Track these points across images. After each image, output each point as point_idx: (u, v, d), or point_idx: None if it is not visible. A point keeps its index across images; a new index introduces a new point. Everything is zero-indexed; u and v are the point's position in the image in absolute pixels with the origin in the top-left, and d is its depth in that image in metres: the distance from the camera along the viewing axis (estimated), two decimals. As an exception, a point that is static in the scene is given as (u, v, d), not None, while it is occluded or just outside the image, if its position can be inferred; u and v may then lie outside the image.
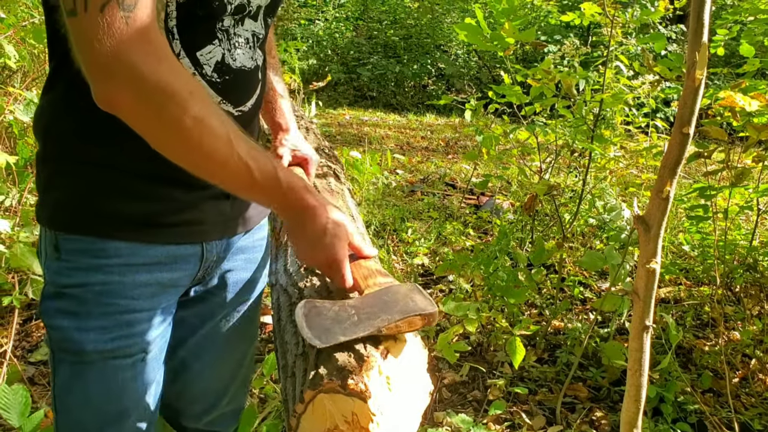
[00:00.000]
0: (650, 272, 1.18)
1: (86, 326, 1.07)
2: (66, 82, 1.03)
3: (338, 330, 0.95)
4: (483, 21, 2.73)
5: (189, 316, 1.28)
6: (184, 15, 1.00)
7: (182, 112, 0.88)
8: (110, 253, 1.06)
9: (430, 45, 12.63)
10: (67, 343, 1.09)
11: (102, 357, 1.10)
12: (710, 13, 1.05)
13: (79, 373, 1.11)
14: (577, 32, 10.19)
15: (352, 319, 0.97)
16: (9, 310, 2.73)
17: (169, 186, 1.08)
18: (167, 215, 1.10)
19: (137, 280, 1.09)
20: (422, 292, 1.03)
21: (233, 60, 1.10)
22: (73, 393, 1.12)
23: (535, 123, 3.35)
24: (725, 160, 2.35)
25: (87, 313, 1.06)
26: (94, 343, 1.08)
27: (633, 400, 1.26)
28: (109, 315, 1.08)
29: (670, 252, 3.86)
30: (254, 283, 1.35)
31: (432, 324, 0.98)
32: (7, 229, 2.13)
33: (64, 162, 1.05)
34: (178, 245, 1.13)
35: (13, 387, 1.82)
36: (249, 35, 1.13)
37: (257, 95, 1.20)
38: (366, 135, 8.00)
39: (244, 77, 1.14)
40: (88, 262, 1.06)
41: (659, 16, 2.94)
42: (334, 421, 0.89)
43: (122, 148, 1.02)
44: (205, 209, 1.15)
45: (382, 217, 4.46)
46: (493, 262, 2.72)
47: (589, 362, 2.80)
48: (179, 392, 1.35)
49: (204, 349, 1.33)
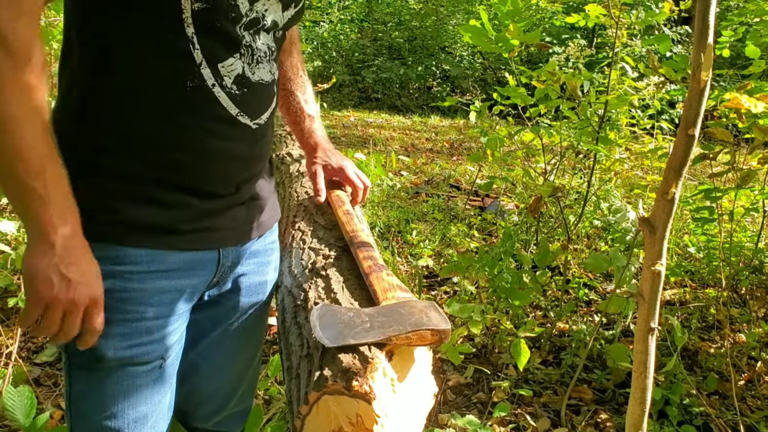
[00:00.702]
0: (655, 274, 1.17)
1: (106, 333, 1.07)
2: (80, 92, 1.05)
3: (348, 333, 0.96)
4: (488, 23, 2.72)
5: (201, 319, 1.29)
6: (203, 24, 1.02)
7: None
8: (129, 260, 1.07)
9: (435, 47, 12.64)
10: (84, 350, 1.08)
11: (120, 364, 1.10)
12: (715, 15, 1.04)
13: (97, 379, 1.11)
14: (583, 33, 10.18)
15: (365, 325, 0.98)
16: (14, 311, 2.74)
17: (185, 194, 1.09)
18: (185, 223, 1.11)
19: (157, 287, 1.10)
20: (438, 309, 1.03)
21: (252, 74, 1.11)
22: (90, 399, 1.12)
23: (540, 124, 3.34)
24: (731, 161, 2.35)
25: (106, 321, 1.06)
26: (114, 350, 1.09)
27: (638, 403, 1.26)
28: (128, 322, 1.09)
29: (675, 254, 3.85)
30: (266, 286, 1.37)
31: (444, 342, 0.98)
32: (13, 231, 2.14)
33: (82, 170, 1.05)
34: (195, 252, 1.14)
35: (19, 389, 1.82)
36: (266, 49, 1.14)
37: (272, 108, 1.22)
38: (370, 137, 8.00)
39: (261, 90, 1.15)
40: (107, 270, 1.05)
41: (664, 17, 2.93)
42: (338, 422, 0.89)
43: (139, 156, 1.04)
44: (221, 216, 1.16)
45: (387, 219, 4.46)
46: (497, 264, 2.72)
47: (594, 364, 2.80)
48: (188, 393, 1.35)
49: (214, 351, 1.34)
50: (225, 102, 1.08)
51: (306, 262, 1.32)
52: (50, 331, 1.00)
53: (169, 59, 1.02)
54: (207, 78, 1.05)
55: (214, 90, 1.06)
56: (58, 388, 2.51)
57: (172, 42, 1.01)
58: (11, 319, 2.81)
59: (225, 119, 1.09)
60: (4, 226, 2.13)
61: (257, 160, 1.21)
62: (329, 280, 1.19)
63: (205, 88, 1.05)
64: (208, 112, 1.07)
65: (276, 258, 1.39)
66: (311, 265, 1.29)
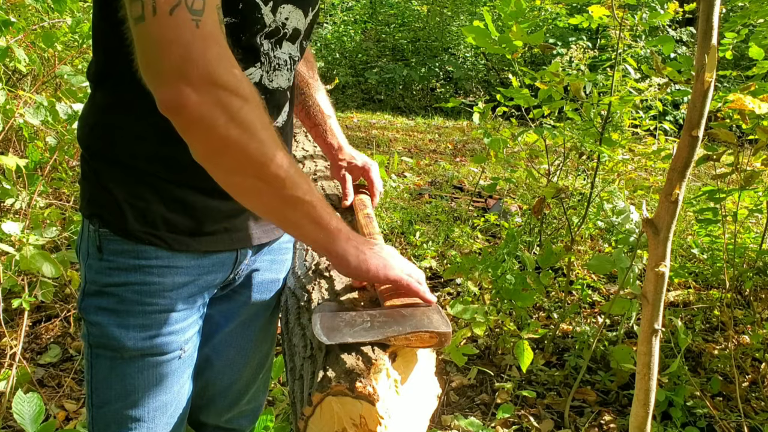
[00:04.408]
0: (659, 275, 1.17)
1: (126, 324, 1.11)
2: (115, 91, 1.07)
3: (347, 332, 0.96)
4: (491, 24, 2.73)
5: (215, 313, 1.31)
6: (228, 37, 1.01)
7: (255, 117, 0.89)
8: (150, 255, 1.10)
9: (438, 48, 12.63)
10: (106, 339, 1.12)
11: (141, 354, 1.13)
12: (719, 16, 1.04)
13: (119, 368, 1.14)
14: (587, 35, 10.17)
15: (365, 325, 0.98)
16: (18, 312, 2.74)
17: (207, 196, 1.10)
18: (206, 224, 1.13)
19: (176, 282, 1.13)
20: (440, 312, 1.03)
21: (270, 81, 1.13)
22: (112, 387, 1.15)
23: (544, 126, 3.34)
24: (734, 163, 2.34)
25: (127, 312, 1.10)
26: (134, 340, 1.12)
27: (642, 404, 1.25)
28: (148, 314, 1.12)
29: (679, 255, 3.84)
30: (277, 284, 1.38)
31: (444, 345, 0.98)
32: (17, 232, 2.14)
33: (110, 166, 1.09)
34: (216, 253, 1.17)
35: (28, 395, 1.83)
36: (287, 57, 1.16)
37: (288, 111, 1.24)
38: (374, 138, 8.00)
39: (278, 96, 1.17)
40: (129, 263, 1.09)
41: (668, 18, 2.93)
42: (342, 423, 0.89)
43: (163, 159, 1.06)
44: (241, 218, 1.18)
45: (390, 220, 4.46)
46: (501, 265, 2.72)
47: (597, 366, 2.79)
48: (202, 388, 1.38)
49: (227, 346, 1.37)
50: None
51: (309, 263, 1.32)
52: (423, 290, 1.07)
53: None
54: None
55: None
56: (62, 389, 2.51)
57: None
58: (15, 320, 2.81)
59: None
60: (8, 228, 2.13)
61: None
62: (333, 281, 1.20)
63: None
64: None
65: (289, 258, 1.41)
66: (314, 266, 1.30)
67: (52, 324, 2.94)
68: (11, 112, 2.54)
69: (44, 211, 2.72)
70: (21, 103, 2.61)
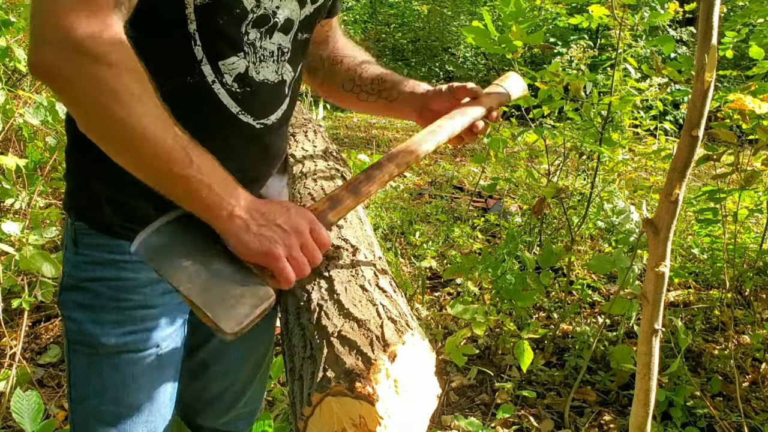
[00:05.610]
0: (659, 275, 1.17)
1: (101, 320, 1.10)
2: None
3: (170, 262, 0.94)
4: (491, 24, 2.73)
5: None
6: (205, 21, 1.01)
7: (121, 85, 0.87)
8: (124, 249, 1.08)
9: (438, 48, 12.63)
10: (83, 335, 1.12)
11: (116, 350, 1.12)
12: (719, 16, 1.04)
13: (96, 364, 1.14)
14: (588, 35, 10.16)
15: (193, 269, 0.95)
16: (18, 312, 2.74)
17: None
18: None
19: (151, 277, 1.12)
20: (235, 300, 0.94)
21: (257, 73, 1.10)
22: (90, 383, 1.15)
23: (544, 126, 3.34)
24: (735, 162, 2.34)
25: (101, 307, 1.10)
26: (108, 336, 1.11)
27: (642, 404, 1.25)
28: (122, 310, 1.11)
29: (679, 255, 3.84)
30: None
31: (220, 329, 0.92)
32: (17, 232, 2.14)
33: (84, 158, 1.08)
34: None
35: (27, 393, 1.83)
36: (274, 49, 1.12)
37: (284, 110, 1.20)
38: (374, 138, 8.00)
39: (266, 90, 1.13)
40: (103, 257, 1.09)
41: (668, 18, 2.93)
42: (341, 424, 0.89)
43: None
44: None
45: (390, 221, 4.46)
46: (501, 265, 2.72)
47: (597, 366, 2.79)
48: (198, 391, 1.37)
49: (223, 351, 1.36)
50: (225, 99, 1.08)
51: (309, 263, 1.31)
52: (305, 268, 1.00)
53: (170, 54, 1.02)
54: (207, 74, 1.04)
55: (214, 87, 1.06)
56: (62, 389, 2.51)
57: (174, 36, 1.01)
58: (15, 320, 2.81)
59: (225, 117, 1.09)
60: (8, 228, 2.13)
61: (263, 160, 1.21)
62: (332, 280, 1.19)
63: (204, 85, 1.05)
64: (208, 109, 1.07)
65: None
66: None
67: (52, 324, 2.94)
68: (11, 111, 2.54)
69: (44, 211, 2.73)
70: (21, 103, 2.61)
